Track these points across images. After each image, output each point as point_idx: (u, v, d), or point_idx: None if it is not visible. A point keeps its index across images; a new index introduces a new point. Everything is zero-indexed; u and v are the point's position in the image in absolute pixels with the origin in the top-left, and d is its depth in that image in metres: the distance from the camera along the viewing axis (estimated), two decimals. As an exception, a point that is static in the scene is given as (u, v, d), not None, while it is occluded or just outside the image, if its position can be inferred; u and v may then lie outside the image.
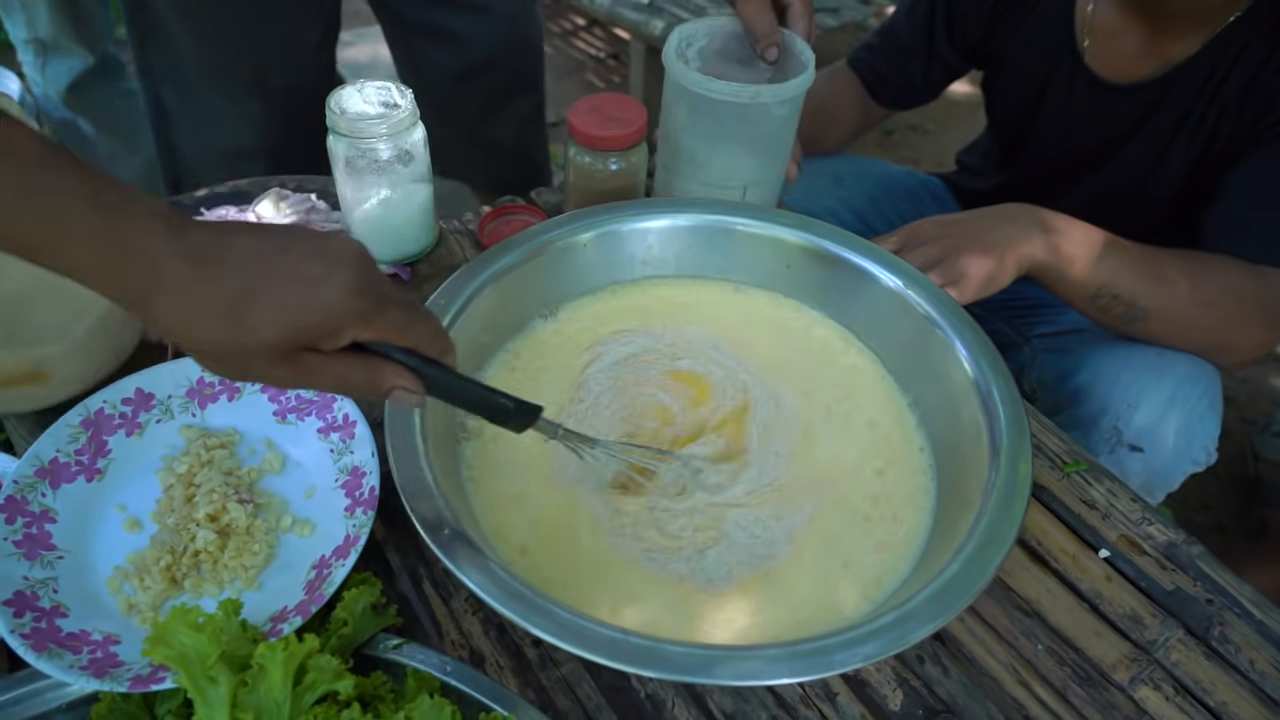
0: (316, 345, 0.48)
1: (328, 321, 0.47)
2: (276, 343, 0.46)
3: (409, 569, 0.72)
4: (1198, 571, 0.76)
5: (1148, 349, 0.92)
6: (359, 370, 0.50)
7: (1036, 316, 1.20)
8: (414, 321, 0.51)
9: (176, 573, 0.64)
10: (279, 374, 0.48)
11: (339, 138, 0.81)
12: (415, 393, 0.53)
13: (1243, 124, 0.94)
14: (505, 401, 0.57)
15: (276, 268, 0.46)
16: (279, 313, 0.46)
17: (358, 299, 0.47)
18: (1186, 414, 0.91)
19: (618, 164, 0.92)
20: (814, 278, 0.83)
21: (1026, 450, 0.65)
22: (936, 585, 0.58)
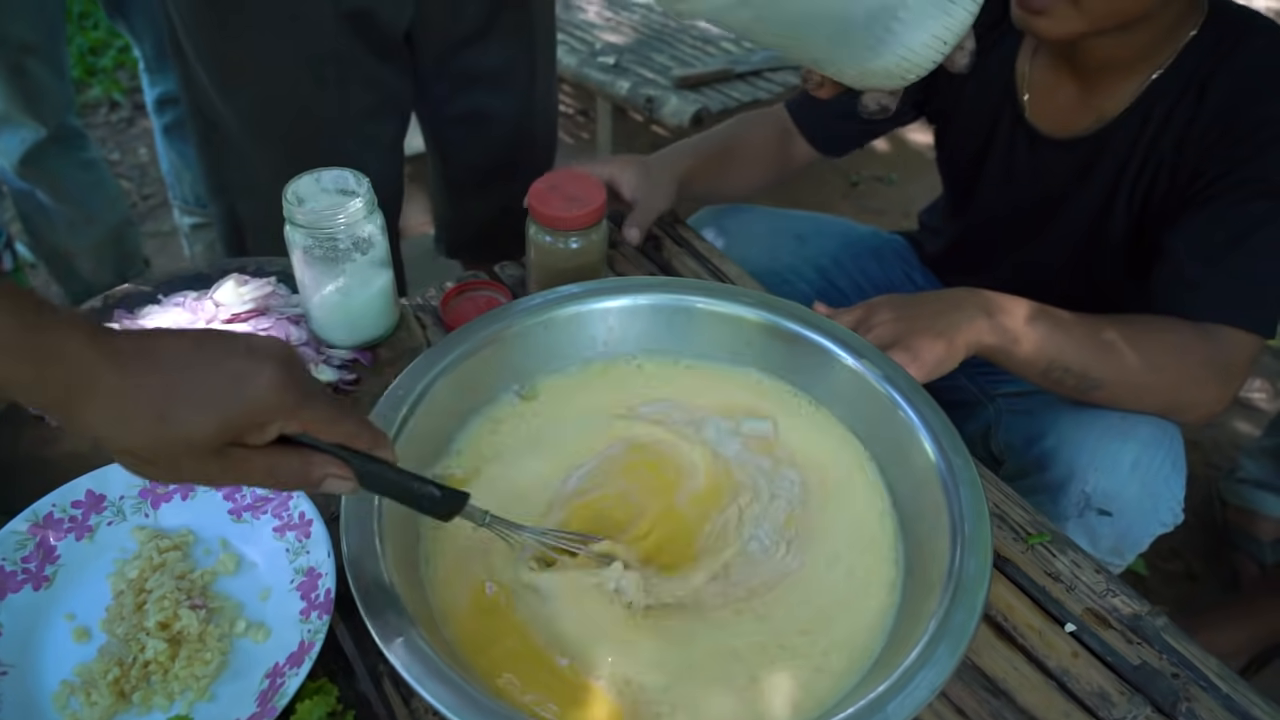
0: (244, 440, 0.50)
1: (253, 415, 0.49)
2: (205, 439, 0.48)
3: (369, 666, 0.70)
4: (1163, 644, 0.76)
5: (1110, 412, 0.94)
6: (288, 461, 0.52)
7: (1001, 375, 1.20)
8: (342, 415, 0.53)
9: (125, 685, 0.62)
10: (209, 470, 0.50)
11: (296, 228, 0.81)
12: (347, 479, 0.54)
13: (1180, 178, 0.96)
14: (433, 491, 0.58)
15: (201, 366, 0.48)
16: (206, 410, 0.47)
17: (282, 392, 0.49)
18: (1152, 476, 0.92)
19: (578, 242, 0.93)
20: (774, 354, 0.84)
21: (986, 535, 0.66)
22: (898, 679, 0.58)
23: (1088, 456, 0.92)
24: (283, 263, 0.98)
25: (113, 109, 2.91)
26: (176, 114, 1.86)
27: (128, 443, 0.47)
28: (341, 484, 0.54)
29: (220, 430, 0.48)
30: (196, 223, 2.03)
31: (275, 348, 0.50)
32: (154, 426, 0.47)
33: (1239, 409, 1.93)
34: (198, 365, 0.48)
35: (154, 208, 2.54)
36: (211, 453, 0.49)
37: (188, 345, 0.49)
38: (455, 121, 1.32)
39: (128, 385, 0.46)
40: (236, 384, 0.48)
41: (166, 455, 0.48)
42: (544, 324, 0.83)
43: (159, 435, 0.47)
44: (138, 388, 0.46)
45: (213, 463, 0.49)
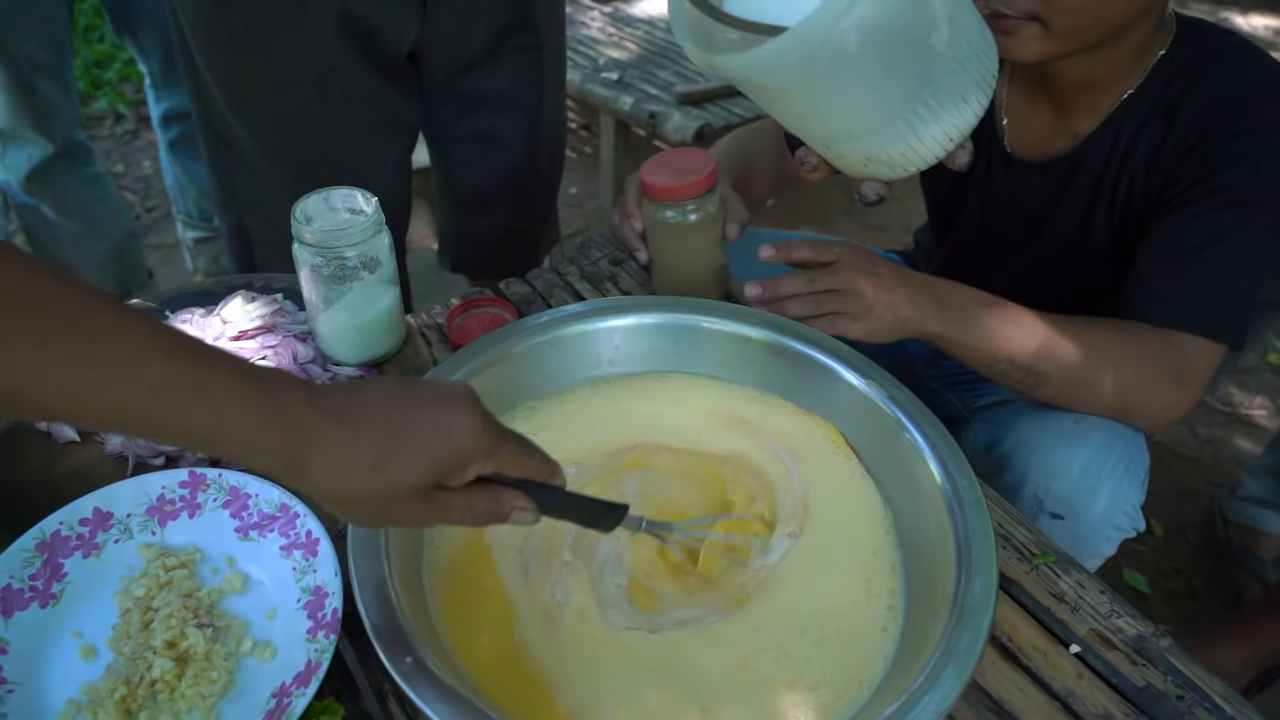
0: (447, 482, 0.54)
1: (458, 459, 0.53)
2: (415, 485, 0.51)
3: (374, 685, 0.70)
4: (1168, 665, 0.76)
5: (1065, 416, 0.94)
6: (483, 499, 0.56)
7: (981, 388, 1.22)
8: (528, 453, 0.57)
9: (132, 704, 0.62)
10: (415, 513, 0.54)
11: (304, 246, 0.82)
12: (530, 511, 0.58)
13: (1154, 188, 0.98)
14: (600, 507, 0.63)
15: (409, 418, 0.51)
16: (418, 458, 0.51)
17: (481, 437, 0.53)
18: (1102, 481, 0.92)
19: (696, 214, 0.93)
20: (778, 373, 0.84)
21: (991, 558, 0.66)
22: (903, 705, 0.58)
23: (1039, 460, 0.93)
24: (290, 279, 0.99)
25: (118, 121, 2.93)
26: (182, 129, 1.87)
27: (347, 491, 0.51)
28: (525, 515, 0.58)
29: (429, 476, 0.52)
30: (200, 236, 2.04)
31: (467, 395, 0.54)
32: (372, 478, 0.50)
33: (1240, 426, 1.94)
34: (405, 416, 0.51)
35: (157, 220, 2.55)
36: (419, 497, 0.53)
37: (393, 397, 0.52)
38: (462, 140, 1.32)
39: (348, 442, 0.50)
40: (445, 430, 0.52)
41: (380, 503, 0.52)
42: (550, 342, 0.83)
43: (375, 485, 0.50)
44: (358, 441, 0.50)
45: (418, 505, 0.53)
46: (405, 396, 0.53)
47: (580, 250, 1.16)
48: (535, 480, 0.58)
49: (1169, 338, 0.91)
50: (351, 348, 0.88)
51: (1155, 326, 0.91)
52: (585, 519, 0.63)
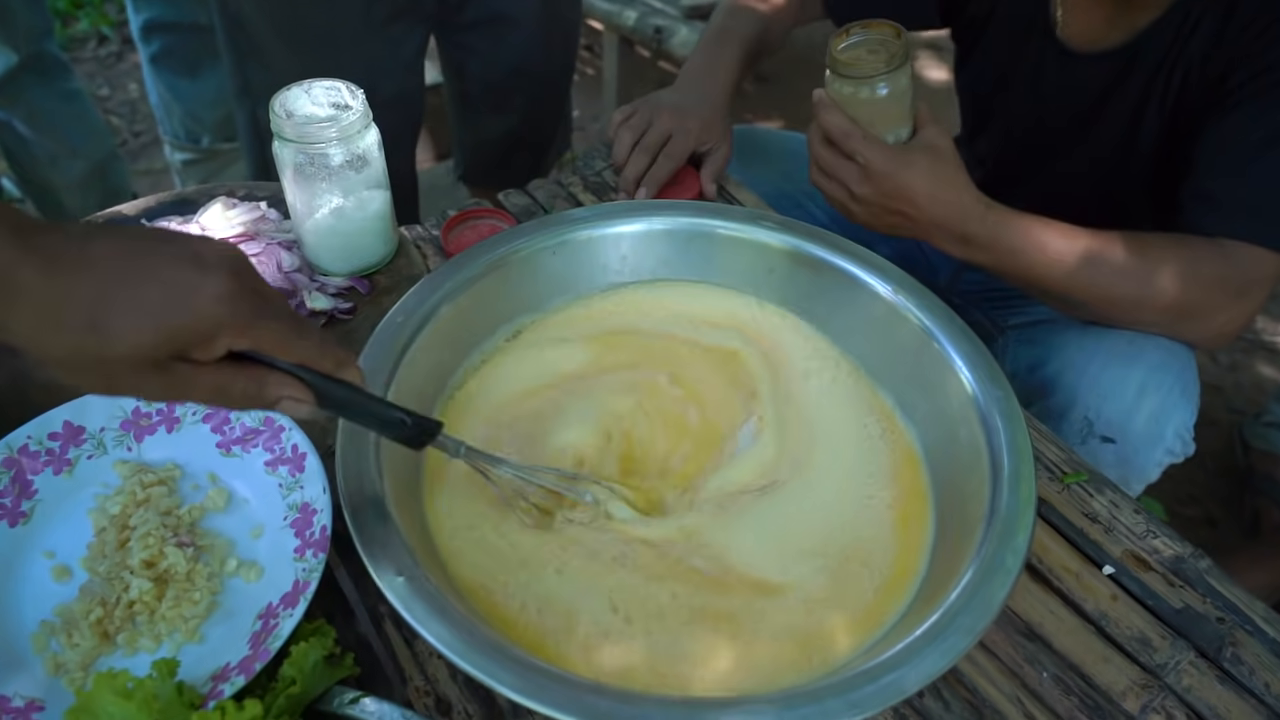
0: (189, 355, 0.45)
1: (198, 330, 0.44)
2: (142, 353, 0.43)
3: (369, 607, 0.67)
4: (1207, 587, 0.72)
5: (1118, 337, 0.90)
6: (240, 380, 0.47)
7: (1012, 307, 1.17)
8: (300, 334, 0.48)
9: (109, 627, 0.58)
10: (150, 386, 0.45)
11: (285, 143, 0.75)
12: (304, 402, 0.49)
13: (1210, 84, 0.91)
14: (401, 416, 0.54)
15: (139, 272, 0.43)
16: (142, 320, 0.43)
17: (232, 305, 0.44)
18: (1159, 402, 0.88)
19: (886, 87, 0.85)
20: (799, 283, 0.78)
21: (1029, 472, 0.61)
22: (937, 622, 0.54)
23: (1090, 381, 0.89)
24: (274, 188, 0.92)
25: (101, 43, 2.82)
26: (164, 42, 1.78)
27: (54, 353, 0.43)
28: (298, 407, 0.49)
29: (159, 344, 0.43)
30: (188, 159, 1.97)
31: (225, 252, 0.46)
32: (84, 337, 0.42)
33: (1263, 352, 1.88)
34: (137, 271, 0.43)
35: (145, 145, 2.46)
36: (151, 367, 0.44)
37: (125, 247, 0.43)
38: (471, 29, 1.27)
39: (56, 290, 0.41)
40: (180, 294, 0.43)
41: (99, 368, 0.44)
42: (553, 249, 0.77)
43: (90, 347, 0.42)
44: (67, 294, 0.42)
45: (152, 378, 0.44)
46: (144, 246, 0.44)
47: (584, 160, 1.10)
48: (315, 368, 0.49)
49: (1226, 248, 0.86)
50: (339, 256, 0.82)
51: (1212, 237, 0.86)
52: (383, 428, 0.55)
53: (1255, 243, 0.85)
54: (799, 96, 2.60)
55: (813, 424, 0.72)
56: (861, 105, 0.86)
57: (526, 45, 1.30)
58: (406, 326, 0.68)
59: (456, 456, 0.58)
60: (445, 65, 1.37)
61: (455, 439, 0.58)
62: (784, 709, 0.49)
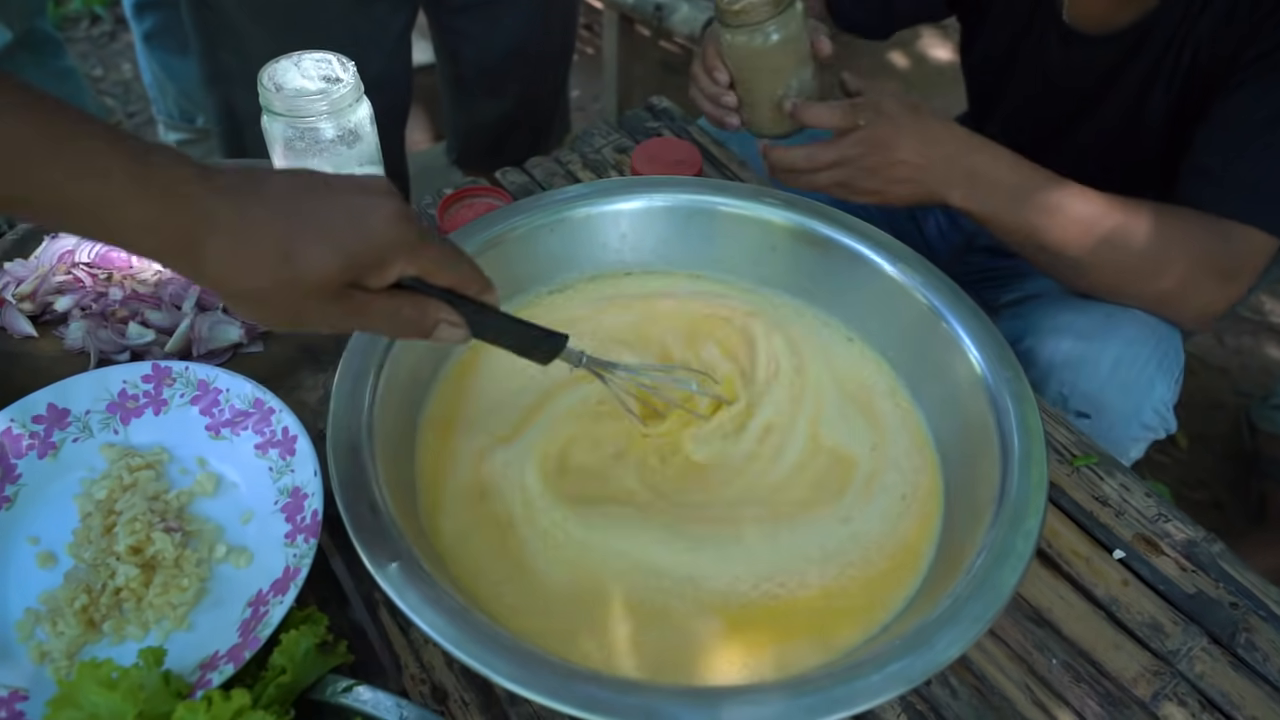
0: (365, 281, 0.48)
1: (378, 253, 0.47)
2: (330, 277, 0.45)
3: (363, 594, 0.65)
4: (1220, 572, 0.70)
5: (1095, 311, 0.88)
6: (406, 305, 0.50)
7: (1005, 286, 1.15)
8: (457, 258, 0.52)
9: (95, 614, 0.57)
10: (331, 314, 0.48)
11: (275, 117, 0.73)
12: (460, 327, 0.53)
13: (1217, 67, 0.89)
14: (536, 332, 0.58)
15: (320, 201, 0.46)
16: (331, 248, 0.45)
17: (404, 227, 0.47)
18: (1133, 379, 0.87)
19: (778, 32, 0.84)
20: (802, 262, 0.76)
21: (1041, 454, 0.59)
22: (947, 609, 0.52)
23: (1064, 356, 0.88)
24: (266, 164, 0.90)
25: (94, 22, 2.78)
26: (157, 19, 1.75)
27: (248, 284, 0.45)
28: (454, 331, 0.53)
29: (345, 267, 0.46)
30: (182, 139, 1.94)
31: (384, 183, 0.49)
32: (278, 266, 0.44)
33: (1271, 335, 1.86)
34: (317, 202, 0.45)
35: (139, 126, 2.43)
36: (333, 294, 0.46)
37: (297, 183, 0.46)
38: (465, 9, 1.23)
39: (250, 225, 0.44)
40: (360, 219, 0.46)
41: (288, 298, 0.46)
42: (550, 226, 0.75)
43: (282, 275, 0.44)
44: (260, 226, 0.44)
45: (333, 305, 0.47)
46: (314, 182, 0.46)
47: (583, 138, 1.07)
48: (463, 293, 0.52)
49: (1218, 226, 0.84)
50: (332, 234, 0.80)
51: (1206, 214, 0.84)
52: (520, 345, 0.58)
53: (1250, 223, 0.83)
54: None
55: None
56: (756, 54, 0.85)
57: (523, 28, 1.26)
58: (400, 306, 0.67)
59: (579, 365, 0.62)
60: (438, 48, 1.33)
61: (577, 349, 0.61)
62: (791, 697, 0.48)
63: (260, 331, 0.77)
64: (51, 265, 0.79)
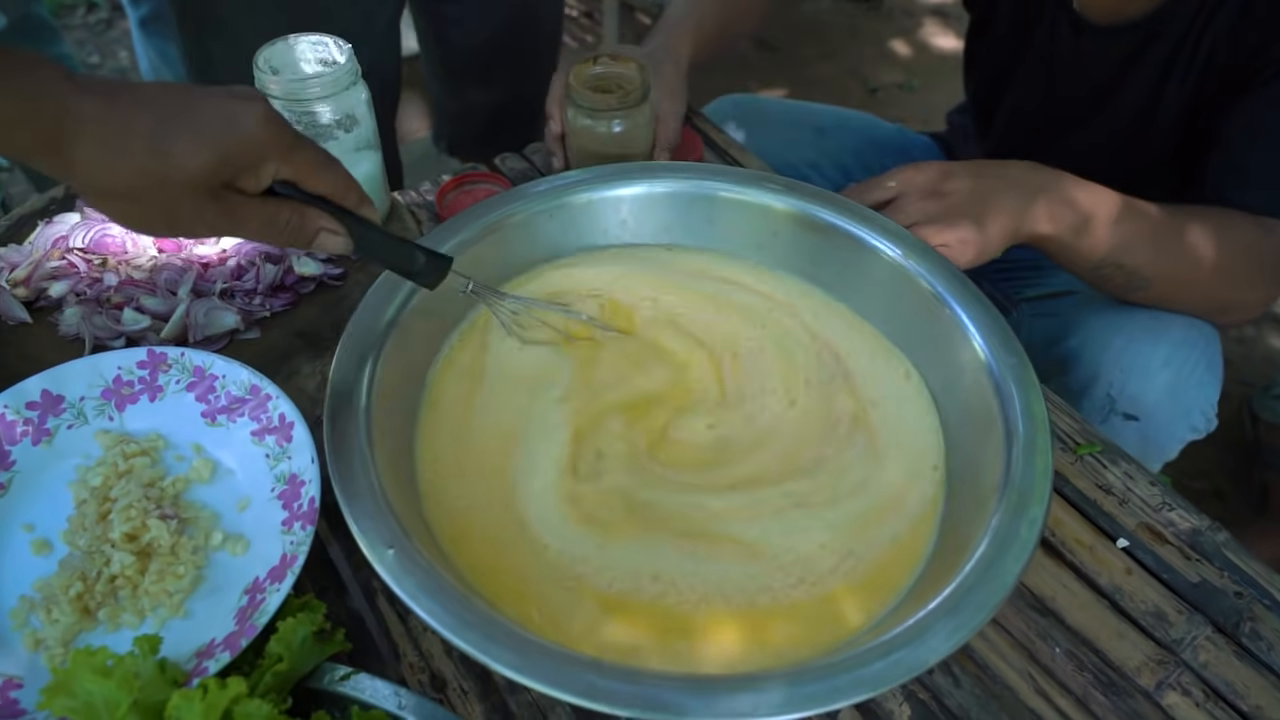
0: (240, 183, 0.48)
1: (249, 149, 0.47)
2: (201, 173, 0.46)
3: (361, 582, 0.65)
4: (1224, 561, 0.70)
5: (1142, 311, 0.87)
6: (284, 210, 0.50)
7: (1025, 279, 1.14)
8: (330, 164, 0.52)
9: (90, 601, 0.56)
10: (207, 215, 0.48)
11: (271, 101, 0.72)
12: (339, 234, 0.53)
13: (1240, 54, 0.87)
14: (418, 253, 0.58)
15: (191, 101, 0.46)
16: (202, 141, 0.45)
17: (277, 127, 0.48)
18: (1184, 379, 0.86)
19: (621, 125, 0.84)
20: (805, 248, 0.76)
21: (1046, 441, 0.59)
22: (950, 597, 0.52)
23: (1114, 356, 0.86)
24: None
25: (90, 10, 2.76)
26: (153, 5, 1.74)
27: (118, 182, 0.45)
28: (335, 240, 0.53)
29: (217, 163, 0.46)
30: (180, 126, 1.93)
31: (256, 91, 0.50)
32: (148, 161, 0.44)
33: (1273, 325, 1.86)
34: (188, 102, 0.46)
35: (137, 114, 2.42)
36: (208, 194, 0.47)
37: (170, 88, 0.47)
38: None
39: (118, 118, 0.44)
40: (232, 117, 0.46)
41: (160, 198, 0.46)
42: (550, 212, 0.75)
43: (152, 170, 0.44)
44: (129, 121, 0.44)
45: (209, 205, 0.47)
46: (184, 87, 0.47)
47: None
48: (340, 203, 0.53)
49: (1267, 227, 0.82)
50: (329, 219, 0.79)
51: (1250, 215, 0.83)
52: (402, 264, 0.58)
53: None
54: (803, 64, 2.55)
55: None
56: (597, 138, 0.84)
57: (512, 10, 1.25)
58: (397, 292, 0.66)
59: (464, 292, 0.62)
60: (425, 34, 1.31)
61: (464, 275, 0.61)
62: (793, 685, 0.47)
63: (257, 318, 0.76)
64: (46, 250, 0.78)
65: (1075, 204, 0.81)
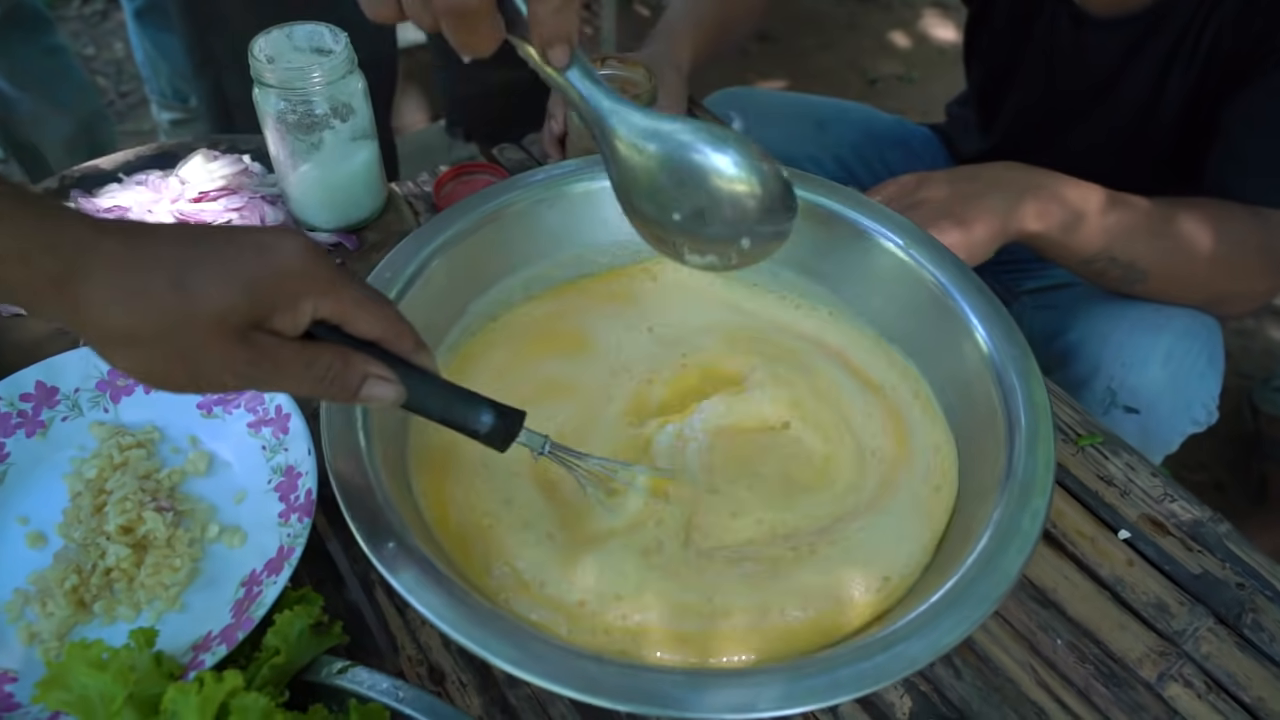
0: (273, 322, 0.42)
1: (284, 285, 0.41)
2: (230, 310, 0.40)
3: (359, 574, 0.64)
4: (1226, 552, 0.70)
5: (1143, 304, 0.87)
6: (325, 355, 0.44)
7: (1025, 271, 1.13)
8: (379, 303, 0.45)
9: (85, 594, 0.56)
10: (236, 362, 0.41)
11: (266, 90, 0.72)
12: (392, 383, 0.46)
13: (1245, 42, 0.86)
14: (486, 410, 0.49)
15: (219, 236, 0.41)
16: (230, 275, 0.40)
17: (315, 263, 0.42)
18: (1185, 372, 0.85)
19: None
20: (805, 239, 0.75)
21: (1048, 432, 0.58)
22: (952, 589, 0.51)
23: (1115, 349, 0.86)
24: (258, 141, 0.89)
25: (85, 1, 2.75)
26: (150, -6, 1.72)
27: (133, 324, 0.39)
28: (385, 388, 0.46)
29: (248, 300, 0.40)
30: (176, 118, 1.92)
31: (295, 229, 0.46)
32: (168, 297, 0.38)
33: (1272, 317, 1.85)
34: (217, 237, 0.41)
35: (133, 105, 2.41)
36: (236, 336, 0.40)
37: (196, 227, 0.42)
38: None
39: (139, 254, 0.39)
40: (265, 251, 0.41)
41: (182, 339, 0.39)
42: (549, 202, 0.74)
43: (173, 308, 0.39)
44: (150, 256, 0.39)
45: (237, 351, 0.41)
46: (215, 229, 0.43)
47: (581, 114, 1.05)
48: (391, 348, 0.46)
49: (1264, 217, 0.82)
50: (325, 210, 0.79)
51: (1249, 206, 0.82)
52: (465, 423, 0.49)
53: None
54: (802, 56, 2.54)
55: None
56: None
57: None
58: (395, 283, 0.65)
59: (541, 453, 0.54)
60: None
61: (540, 434, 0.53)
62: (793, 680, 0.47)
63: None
64: (40, 242, 0.77)
65: (1063, 200, 0.81)
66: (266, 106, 0.73)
